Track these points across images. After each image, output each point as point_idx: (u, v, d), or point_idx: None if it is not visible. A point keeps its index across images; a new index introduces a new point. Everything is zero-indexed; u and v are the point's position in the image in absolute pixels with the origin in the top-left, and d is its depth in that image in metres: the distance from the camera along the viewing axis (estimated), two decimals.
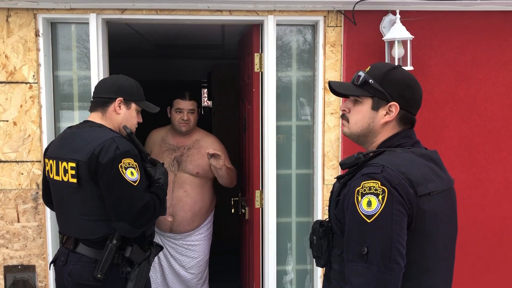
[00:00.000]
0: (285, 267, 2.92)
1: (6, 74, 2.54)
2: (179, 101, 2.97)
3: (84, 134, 2.01)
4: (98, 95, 2.13)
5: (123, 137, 2.04)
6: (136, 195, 1.94)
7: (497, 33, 2.73)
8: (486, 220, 2.83)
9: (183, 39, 4.05)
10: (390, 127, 1.44)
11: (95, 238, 1.99)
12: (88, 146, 1.94)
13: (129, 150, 1.97)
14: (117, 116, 2.11)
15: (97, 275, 1.94)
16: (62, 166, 2.00)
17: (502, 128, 2.80)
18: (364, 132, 1.46)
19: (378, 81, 1.42)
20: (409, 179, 1.29)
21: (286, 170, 2.84)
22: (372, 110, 1.43)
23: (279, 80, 2.77)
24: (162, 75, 6.12)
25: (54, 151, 2.08)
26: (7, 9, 2.51)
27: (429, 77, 2.71)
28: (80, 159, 1.94)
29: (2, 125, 2.56)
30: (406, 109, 1.43)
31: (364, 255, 1.24)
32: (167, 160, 2.95)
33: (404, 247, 1.25)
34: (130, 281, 2.01)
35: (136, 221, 1.94)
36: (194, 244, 3.04)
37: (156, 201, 2.02)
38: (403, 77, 1.44)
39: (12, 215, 2.60)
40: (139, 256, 2.04)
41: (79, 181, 1.95)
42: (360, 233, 1.27)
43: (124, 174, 1.91)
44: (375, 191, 1.26)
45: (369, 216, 1.25)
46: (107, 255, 1.96)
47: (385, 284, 1.22)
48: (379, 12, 2.64)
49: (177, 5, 2.54)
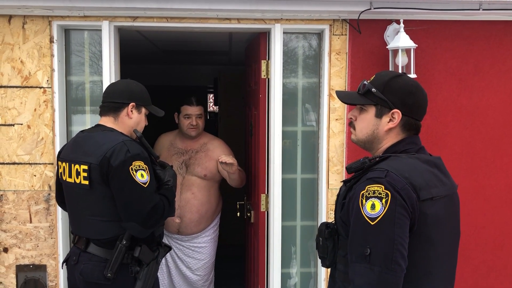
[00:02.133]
0: (290, 270, 2.97)
1: (21, 79, 2.62)
2: (187, 107, 3.04)
3: (96, 138, 2.08)
4: (110, 100, 2.17)
5: (133, 140, 2.11)
6: (146, 196, 2.00)
7: (499, 42, 2.79)
8: (488, 225, 2.87)
9: (191, 45, 4.12)
10: (394, 134, 1.49)
11: (105, 239, 2.05)
12: (100, 150, 2.01)
13: (139, 153, 2.03)
14: (129, 121, 2.17)
15: (107, 274, 2.00)
16: (74, 169, 2.06)
17: (504, 135, 2.84)
18: (369, 139, 1.52)
19: (380, 89, 1.47)
20: (412, 184, 1.34)
21: (291, 174, 2.90)
22: (376, 117, 1.49)
23: (285, 87, 2.84)
24: (169, 80, 6.19)
25: (67, 154, 2.14)
26: (23, 17, 2.59)
27: (432, 85, 2.77)
28: (92, 162, 2.00)
29: (16, 128, 2.64)
30: (409, 115, 1.47)
31: (367, 256, 1.28)
32: (176, 163, 3.02)
33: (406, 249, 1.30)
34: (139, 280, 2.07)
35: (146, 221, 2.00)
36: (201, 246, 3.11)
37: (165, 203, 2.08)
38: (405, 84, 1.48)
39: (24, 216, 2.67)
40: (148, 256, 2.09)
41: (91, 183, 2.02)
42: (363, 235, 1.32)
43: (134, 176, 1.97)
44: (379, 194, 1.31)
45: (373, 218, 1.30)
46: (117, 255, 2.02)
47: (387, 285, 1.27)
48: (383, 21, 2.70)
49: (187, 13, 2.61)
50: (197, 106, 3.05)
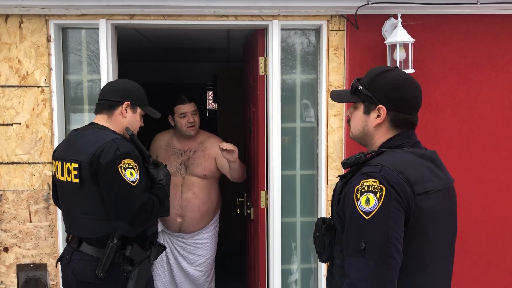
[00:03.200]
0: (290, 266, 2.97)
1: (19, 78, 2.62)
2: (181, 106, 3.02)
3: (87, 136, 2.08)
4: (105, 97, 2.17)
5: (125, 139, 2.10)
6: (134, 195, 1.99)
7: (497, 36, 2.78)
8: (487, 219, 2.88)
9: (189, 43, 4.12)
10: (384, 129, 1.50)
11: (97, 237, 2.05)
12: (90, 148, 2.01)
13: (129, 152, 2.02)
14: (123, 120, 2.16)
15: (99, 273, 2.00)
16: (66, 167, 2.07)
17: (503, 129, 2.84)
18: (361, 135, 1.55)
19: (366, 86, 1.49)
20: (407, 178, 1.34)
21: (290, 171, 2.90)
22: (364, 114, 1.52)
23: (284, 83, 2.84)
24: (168, 78, 6.18)
25: (60, 152, 2.15)
26: (20, 16, 2.59)
27: (430, 79, 2.77)
28: (82, 160, 2.00)
29: (15, 128, 2.64)
30: (395, 110, 1.47)
31: (362, 250, 1.29)
32: (174, 164, 3.02)
33: (400, 243, 1.31)
34: (131, 280, 2.06)
35: (134, 220, 1.98)
36: (202, 242, 3.12)
37: (155, 202, 2.07)
38: (390, 79, 1.47)
39: (24, 215, 2.68)
40: (139, 255, 2.08)
41: (81, 181, 2.01)
42: (358, 229, 1.32)
43: (123, 175, 1.97)
44: (374, 189, 1.32)
45: (367, 213, 1.31)
46: (108, 254, 2.01)
47: (382, 278, 1.27)
48: (381, 16, 2.70)
49: (184, 10, 2.61)
50: (190, 103, 3.04)
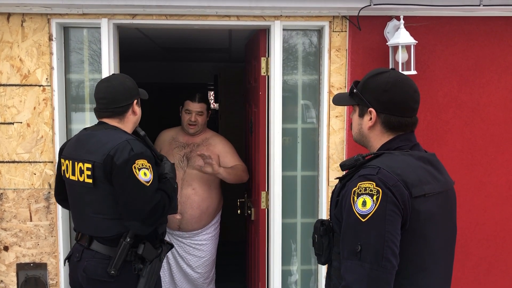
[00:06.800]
0: (290, 267, 2.97)
1: (21, 77, 2.62)
2: (189, 103, 3.07)
3: (99, 136, 2.08)
4: (114, 106, 2.10)
5: (137, 139, 2.11)
6: (148, 195, 2.00)
7: (499, 38, 2.77)
8: (488, 222, 2.87)
9: (191, 42, 4.12)
10: (378, 131, 1.50)
11: (109, 236, 2.06)
12: (104, 148, 2.01)
13: (143, 152, 2.04)
14: (134, 117, 2.19)
15: (111, 271, 2.01)
16: (78, 167, 2.07)
17: (505, 131, 2.83)
18: (359, 137, 1.56)
19: (359, 89, 1.50)
20: (404, 180, 1.34)
21: (291, 171, 2.89)
22: (359, 117, 1.53)
23: (285, 83, 2.83)
24: (169, 78, 6.19)
25: (70, 151, 2.14)
26: (22, 15, 2.59)
27: (432, 81, 2.76)
28: (96, 160, 2.01)
29: (16, 127, 2.64)
30: (386, 113, 1.46)
31: (358, 252, 1.29)
32: (177, 157, 3.04)
33: (397, 246, 1.30)
34: (142, 278, 2.08)
35: (147, 219, 2.00)
36: (202, 243, 3.11)
37: (165, 200, 2.08)
38: (381, 82, 1.46)
39: (24, 214, 2.68)
40: (151, 253, 2.11)
41: (95, 181, 2.02)
42: (354, 231, 1.32)
43: (137, 175, 1.98)
44: (370, 191, 1.32)
45: (364, 215, 1.31)
46: (121, 252, 2.03)
47: (377, 281, 1.27)
48: (383, 17, 2.69)
49: (186, 10, 2.60)
50: (198, 103, 3.06)
